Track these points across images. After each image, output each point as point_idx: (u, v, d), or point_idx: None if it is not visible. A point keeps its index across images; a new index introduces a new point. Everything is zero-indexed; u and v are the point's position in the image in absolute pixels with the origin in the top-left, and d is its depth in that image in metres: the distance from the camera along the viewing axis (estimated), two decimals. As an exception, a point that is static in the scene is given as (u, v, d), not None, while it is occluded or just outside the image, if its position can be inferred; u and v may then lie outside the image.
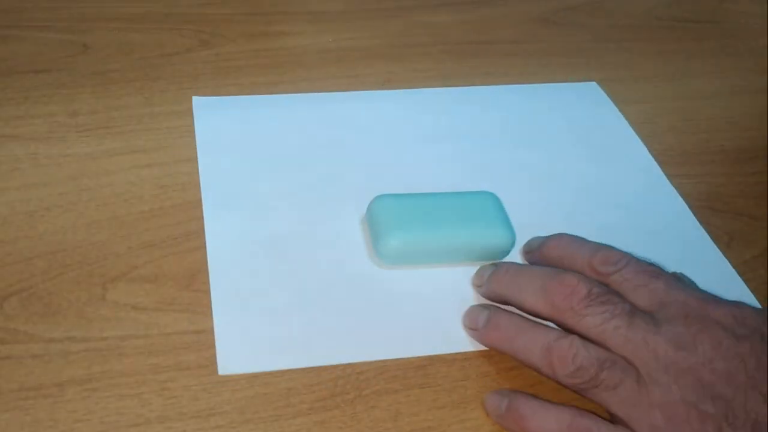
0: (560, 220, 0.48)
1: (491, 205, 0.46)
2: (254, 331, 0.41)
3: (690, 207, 0.52)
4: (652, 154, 0.56)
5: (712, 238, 0.50)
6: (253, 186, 0.49)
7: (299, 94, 0.56)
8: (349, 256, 0.46)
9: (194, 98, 0.54)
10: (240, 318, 0.41)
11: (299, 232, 0.46)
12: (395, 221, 0.44)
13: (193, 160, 0.50)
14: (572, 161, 0.54)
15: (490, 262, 0.45)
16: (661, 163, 0.55)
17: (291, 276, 0.44)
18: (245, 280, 0.43)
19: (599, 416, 0.37)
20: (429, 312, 0.43)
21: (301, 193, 0.49)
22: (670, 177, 0.54)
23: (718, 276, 0.48)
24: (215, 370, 0.39)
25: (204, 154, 0.50)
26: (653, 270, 0.40)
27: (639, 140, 0.57)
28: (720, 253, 0.49)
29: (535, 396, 0.39)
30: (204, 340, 0.40)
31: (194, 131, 0.52)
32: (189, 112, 0.54)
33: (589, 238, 0.43)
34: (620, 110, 0.59)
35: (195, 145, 0.51)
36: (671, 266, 0.41)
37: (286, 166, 0.50)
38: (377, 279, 0.45)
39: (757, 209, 0.53)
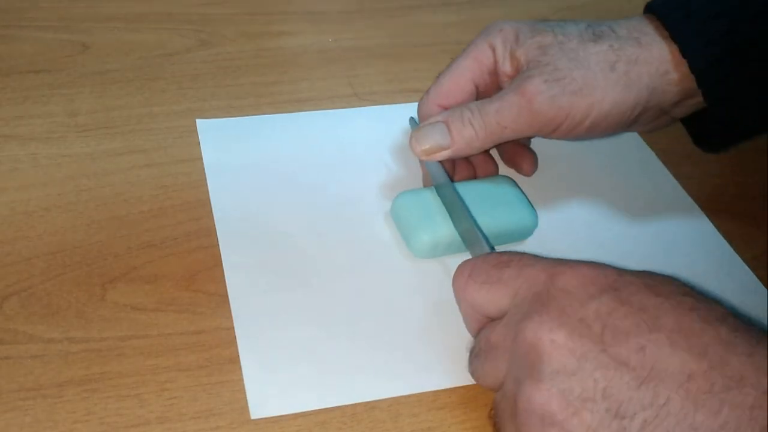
0: (581, 233, 0.49)
1: (509, 188, 0.47)
2: (283, 370, 0.39)
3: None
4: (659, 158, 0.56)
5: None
6: (266, 212, 0.47)
7: (304, 113, 0.55)
8: (369, 283, 0.44)
9: (198, 121, 0.53)
10: (267, 356, 0.40)
11: (318, 257, 0.45)
12: (423, 216, 0.45)
13: (193, 160, 0.50)
14: (588, 173, 0.54)
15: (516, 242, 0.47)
16: (661, 163, 0.55)
17: (315, 306, 0.43)
18: (269, 314, 0.42)
19: None
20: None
21: (315, 215, 0.47)
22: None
23: (744, 288, 0.48)
24: (214, 371, 0.39)
25: (213, 179, 0.49)
26: None
27: (648, 148, 0.56)
28: (743, 263, 0.49)
29: None
30: (204, 340, 0.40)
31: (195, 129, 0.52)
32: (189, 112, 0.54)
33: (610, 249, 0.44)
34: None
35: (194, 145, 0.51)
36: (690, 275, 0.41)
37: (297, 188, 0.49)
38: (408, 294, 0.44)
39: (757, 209, 0.53)
